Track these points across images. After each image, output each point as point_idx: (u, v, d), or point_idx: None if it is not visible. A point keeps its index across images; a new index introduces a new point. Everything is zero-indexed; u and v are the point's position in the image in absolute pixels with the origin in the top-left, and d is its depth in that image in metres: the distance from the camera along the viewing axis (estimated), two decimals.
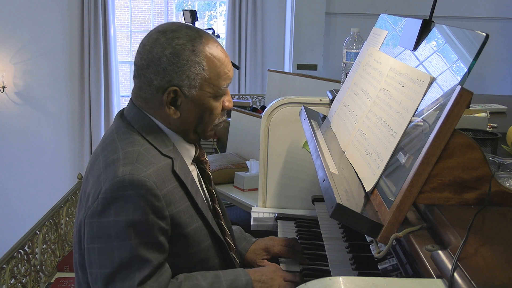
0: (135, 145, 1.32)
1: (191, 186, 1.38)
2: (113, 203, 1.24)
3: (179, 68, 1.32)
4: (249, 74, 5.90)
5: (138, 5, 6.51)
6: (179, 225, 1.32)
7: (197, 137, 1.43)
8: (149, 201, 1.24)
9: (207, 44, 1.35)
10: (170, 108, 1.35)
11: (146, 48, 1.34)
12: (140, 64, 1.35)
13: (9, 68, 5.81)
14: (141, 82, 1.36)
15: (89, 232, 1.27)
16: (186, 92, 1.33)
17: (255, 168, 3.16)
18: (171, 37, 1.33)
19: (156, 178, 1.27)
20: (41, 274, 2.55)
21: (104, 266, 1.25)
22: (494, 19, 5.57)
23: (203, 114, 1.38)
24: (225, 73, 1.37)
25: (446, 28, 1.25)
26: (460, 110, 0.97)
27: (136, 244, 1.23)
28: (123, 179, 1.24)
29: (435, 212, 1.00)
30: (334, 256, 1.53)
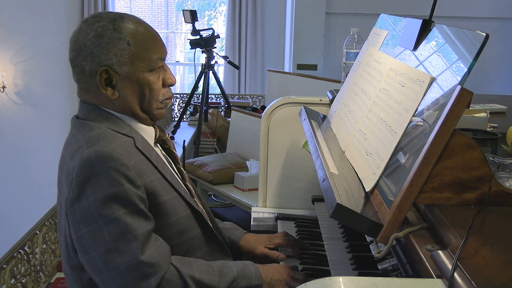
0: (93, 129, 1.35)
1: (156, 161, 1.40)
2: (87, 184, 1.25)
3: (104, 48, 1.34)
4: (249, 74, 5.90)
5: (138, 5, 6.51)
6: (154, 194, 1.34)
7: (147, 116, 1.43)
8: (120, 171, 1.26)
9: (128, 21, 1.38)
10: (107, 89, 1.37)
11: (73, 40, 1.38)
12: (71, 57, 1.39)
13: (9, 68, 5.81)
14: (76, 73, 1.39)
15: (73, 220, 1.28)
16: (118, 69, 1.35)
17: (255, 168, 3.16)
18: (92, 22, 1.37)
19: (122, 150, 1.29)
20: (41, 274, 2.55)
21: (98, 246, 1.25)
22: (494, 19, 5.57)
23: (142, 90, 1.39)
24: (153, 45, 1.39)
25: (446, 28, 1.25)
26: (460, 110, 0.97)
27: (121, 215, 1.25)
28: (89, 158, 1.26)
29: (435, 212, 1.00)
30: (334, 256, 1.53)
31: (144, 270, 1.26)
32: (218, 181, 3.35)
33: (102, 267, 1.26)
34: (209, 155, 3.81)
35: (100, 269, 1.27)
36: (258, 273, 1.42)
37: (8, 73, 5.81)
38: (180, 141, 3.83)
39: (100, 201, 1.24)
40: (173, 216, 1.38)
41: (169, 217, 1.37)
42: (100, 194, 1.24)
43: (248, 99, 5.21)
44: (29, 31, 5.78)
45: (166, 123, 5.04)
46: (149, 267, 1.26)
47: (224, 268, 1.38)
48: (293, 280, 1.44)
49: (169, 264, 1.31)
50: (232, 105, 4.42)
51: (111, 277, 1.26)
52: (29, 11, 5.74)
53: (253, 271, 1.42)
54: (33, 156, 5.93)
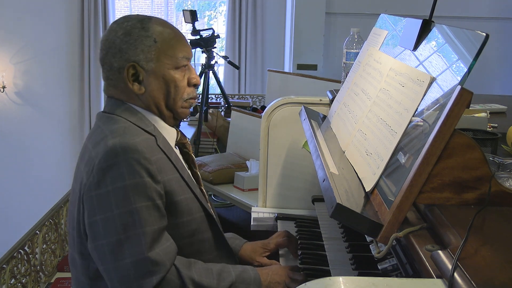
0: (119, 122, 1.38)
1: (176, 161, 1.43)
2: (108, 172, 1.27)
3: (131, 44, 1.40)
4: (249, 74, 5.90)
5: (138, 5, 6.51)
6: (171, 192, 1.36)
7: (171, 114, 1.47)
8: (143, 164, 1.28)
9: (156, 22, 1.44)
10: (134, 84, 1.41)
11: (103, 39, 1.44)
12: (101, 55, 1.44)
13: (9, 68, 5.81)
14: (106, 70, 1.44)
15: (89, 206, 1.30)
16: (144, 65, 1.40)
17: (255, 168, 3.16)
18: (121, 21, 1.44)
19: (145, 145, 1.32)
20: (41, 274, 2.55)
21: (109, 235, 1.27)
22: (494, 19, 5.57)
23: (168, 87, 1.43)
24: (179, 44, 1.44)
25: (446, 28, 1.25)
26: (460, 110, 0.97)
27: (138, 208, 1.27)
28: (114, 147, 1.29)
29: (435, 212, 1.00)
30: (334, 256, 1.53)
31: (149, 267, 1.26)
32: (218, 181, 3.34)
33: (109, 256, 1.27)
34: (209, 155, 3.80)
35: (107, 257, 1.28)
36: (257, 278, 1.42)
37: (8, 73, 5.81)
38: None
39: (119, 190, 1.26)
40: (187, 216, 1.40)
41: (182, 216, 1.39)
42: (120, 183, 1.26)
43: (248, 99, 5.21)
44: (29, 31, 5.78)
45: None
46: (154, 265, 1.27)
47: (223, 272, 1.39)
48: (292, 281, 1.45)
49: (172, 265, 1.32)
50: (232, 105, 4.42)
51: (116, 267, 1.27)
52: (29, 11, 5.74)
53: (252, 275, 1.42)
54: (33, 156, 5.93)
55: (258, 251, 1.67)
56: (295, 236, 1.72)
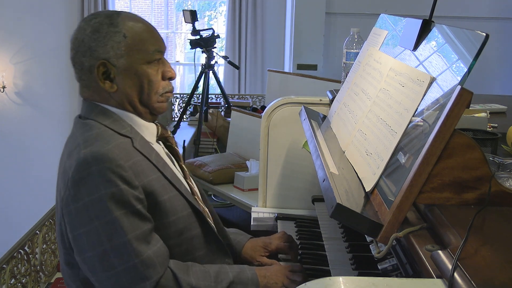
0: (92, 129, 1.35)
1: (156, 160, 1.39)
2: (83, 184, 1.25)
3: (100, 41, 1.36)
4: (249, 74, 5.90)
5: (138, 5, 6.52)
6: (153, 193, 1.33)
7: (147, 110, 1.43)
8: (117, 172, 1.26)
9: (125, 17, 1.40)
10: (105, 82, 1.38)
11: (72, 38, 1.41)
12: (71, 55, 1.41)
13: (9, 68, 5.81)
14: (77, 70, 1.41)
15: (70, 220, 1.28)
16: (115, 62, 1.36)
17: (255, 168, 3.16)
18: (89, 19, 1.40)
19: (118, 151, 1.29)
20: (41, 274, 2.55)
21: (95, 247, 1.26)
22: (494, 19, 5.57)
23: (141, 83, 1.39)
24: (150, 37, 1.40)
25: (446, 28, 1.25)
26: (460, 110, 0.97)
27: (118, 216, 1.25)
28: (85, 158, 1.26)
29: (435, 212, 1.00)
30: (334, 256, 1.53)
31: (140, 272, 1.26)
32: (218, 181, 3.34)
33: (98, 267, 1.26)
34: (209, 155, 3.80)
35: (97, 269, 1.27)
36: (254, 278, 1.41)
37: (8, 73, 5.81)
38: (180, 141, 3.83)
39: (97, 201, 1.24)
40: (172, 216, 1.38)
41: (168, 216, 1.36)
42: (96, 194, 1.24)
43: (248, 99, 5.21)
44: (29, 31, 5.78)
45: (166, 123, 5.04)
46: (145, 269, 1.26)
47: (221, 274, 1.38)
48: (291, 282, 1.44)
49: (166, 268, 1.31)
50: (232, 105, 4.41)
51: (107, 277, 1.26)
52: (29, 11, 5.74)
53: (249, 275, 1.41)
54: (33, 156, 5.93)
55: (259, 250, 1.66)
56: (296, 243, 1.70)
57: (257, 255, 1.64)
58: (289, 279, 1.45)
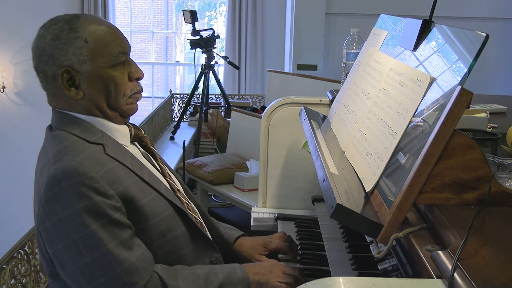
0: (62, 142, 1.33)
1: (132, 164, 1.37)
2: (56, 201, 1.24)
3: (61, 49, 1.33)
4: (249, 74, 5.90)
5: (138, 5, 6.52)
6: (131, 199, 1.31)
7: (117, 113, 1.41)
8: (88, 185, 1.24)
9: (85, 20, 1.37)
10: (71, 89, 1.35)
11: (33, 47, 1.37)
12: (34, 65, 1.38)
13: (9, 68, 5.81)
14: (41, 79, 1.39)
15: (47, 237, 1.27)
16: (79, 68, 1.34)
17: (255, 168, 3.16)
18: (48, 25, 1.37)
19: (89, 162, 1.27)
20: (41, 274, 2.55)
21: (76, 261, 1.25)
22: (494, 19, 5.57)
23: (107, 86, 1.37)
24: (113, 39, 1.37)
25: (446, 29, 1.25)
26: (460, 111, 0.97)
27: (95, 228, 1.23)
28: (55, 174, 1.25)
29: (435, 212, 1.00)
30: (334, 256, 1.53)
31: (125, 280, 1.25)
32: (218, 181, 3.35)
33: (82, 279, 1.26)
34: (209, 155, 3.81)
35: (81, 281, 1.26)
36: (245, 278, 1.40)
37: (8, 73, 5.81)
38: (180, 141, 3.83)
39: (72, 216, 1.23)
40: (153, 218, 1.36)
41: (148, 219, 1.35)
42: (70, 210, 1.23)
43: (248, 99, 5.21)
44: (29, 31, 5.73)
45: (166, 124, 5.04)
46: (129, 277, 1.25)
47: (211, 276, 1.36)
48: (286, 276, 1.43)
49: (152, 273, 1.30)
50: (232, 105, 4.42)
51: None
52: (29, 11, 5.74)
53: (240, 275, 1.40)
54: (33, 156, 5.92)
55: (259, 249, 1.65)
56: (296, 243, 1.69)
57: (256, 254, 1.64)
58: (284, 273, 1.44)
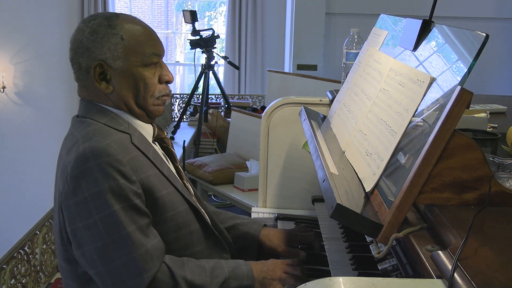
0: (90, 126, 1.38)
1: (154, 157, 1.41)
2: (82, 178, 1.27)
3: (98, 43, 1.38)
4: (249, 74, 5.90)
5: (138, 5, 6.52)
6: (151, 189, 1.35)
7: (143, 112, 1.44)
8: (115, 166, 1.28)
9: (124, 19, 1.42)
10: (101, 83, 1.40)
11: (71, 39, 1.42)
12: (70, 56, 1.43)
13: (9, 68, 5.81)
14: (75, 70, 1.42)
15: (69, 214, 1.29)
16: (112, 63, 1.38)
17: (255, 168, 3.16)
18: (88, 20, 1.42)
19: (117, 146, 1.31)
20: (41, 274, 2.55)
21: (94, 240, 1.27)
22: (494, 19, 5.57)
23: (137, 85, 1.41)
24: (148, 41, 1.41)
25: (446, 29, 1.25)
26: (460, 111, 0.97)
27: (117, 210, 1.26)
28: (84, 152, 1.28)
29: (435, 212, 1.00)
30: (334, 256, 1.53)
31: (138, 265, 1.27)
32: (218, 182, 3.35)
33: (97, 260, 1.28)
34: (209, 156, 3.81)
35: (96, 262, 1.28)
36: (250, 274, 1.42)
37: (8, 73, 5.81)
38: (180, 142, 3.83)
39: (96, 195, 1.26)
40: (171, 211, 1.39)
41: (166, 211, 1.38)
42: (95, 189, 1.26)
43: (248, 99, 5.21)
44: (29, 31, 5.78)
45: (166, 123, 5.04)
46: (143, 263, 1.28)
47: (216, 269, 1.39)
48: (288, 277, 1.44)
49: (161, 263, 1.32)
50: (232, 106, 4.42)
51: (107, 270, 1.28)
52: (29, 11, 5.74)
53: (245, 271, 1.42)
54: (33, 156, 5.93)
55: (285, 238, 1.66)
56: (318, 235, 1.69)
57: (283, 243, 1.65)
58: (286, 273, 1.45)
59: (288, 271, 1.46)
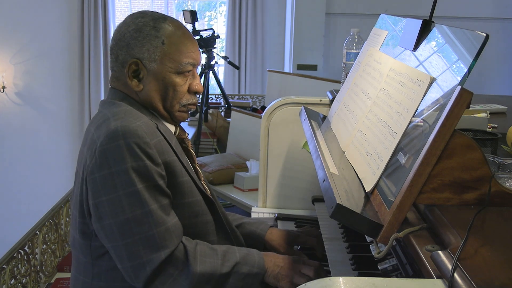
0: (121, 106, 1.42)
1: (176, 146, 1.45)
2: (110, 154, 1.30)
3: (139, 41, 1.42)
4: (249, 74, 5.90)
5: (138, 5, 6.51)
6: (173, 173, 1.40)
7: (168, 116, 1.49)
8: (143, 148, 1.32)
9: (170, 23, 1.46)
10: (133, 80, 1.44)
11: (116, 29, 1.47)
12: (111, 45, 1.47)
13: (9, 68, 5.81)
14: (112, 60, 1.47)
15: (93, 187, 1.33)
16: (147, 64, 1.42)
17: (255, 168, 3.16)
18: (136, 16, 1.46)
19: (146, 128, 1.35)
20: (41, 274, 2.55)
21: (116, 215, 1.31)
22: (494, 19, 5.57)
23: (166, 89, 1.45)
24: (187, 50, 1.45)
25: (446, 29, 1.25)
26: (460, 111, 0.97)
27: (141, 188, 1.31)
28: (115, 130, 1.32)
29: (435, 212, 1.00)
30: (334, 256, 1.53)
31: (157, 242, 1.31)
32: (218, 181, 3.35)
33: (117, 234, 1.31)
34: (209, 155, 3.81)
35: (115, 236, 1.32)
36: (261, 262, 1.43)
37: (8, 73, 5.81)
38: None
39: (122, 172, 1.30)
40: (189, 197, 1.43)
41: (184, 197, 1.42)
42: (122, 166, 1.30)
43: (248, 100, 5.21)
44: (29, 31, 5.78)
45: None
46: (162, 241, 1.31)
47: (228, 253, 1.42)
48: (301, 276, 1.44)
49: (180, 241, 1.36)
50: (232, 106, 4.42)
51: (125, 245, 1.31)
52: (29, 11, 5.74)
53: (256, 259, 1.43)
54: (32, 156, 5.93)
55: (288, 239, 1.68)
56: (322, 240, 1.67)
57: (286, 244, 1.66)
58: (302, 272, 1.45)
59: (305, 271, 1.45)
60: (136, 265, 1.31)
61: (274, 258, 1.47)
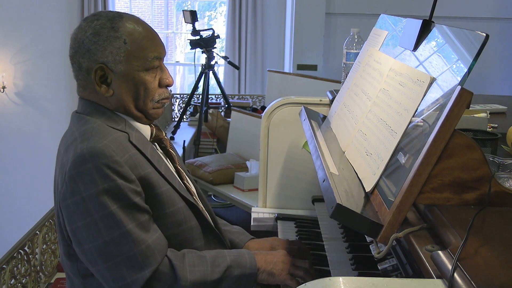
0: (88, 123, 1.37)
1: (151, 155, 1.41)
2: (80, 179, 1.27)
3: (100, 45, 1.36)
4: (249, 74, 5.90)
5: (138, 5, 6.52)
6: (151, 185, 1.36)
7: (143, 115, 1.45)
8: (112, 168, 1.28)
9: (127, 21, 1.40)
10: (102, 86, 1.39)
11: (72, 37, 1.41)
12: (70, 53, 1.41)
13: (9, 68, 5.81)
14: (75, 70, 1.42)
15: (67, 214, 1.30)
16: (113, 67, 1.37)
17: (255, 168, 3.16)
18: (91, 20, 1.40)
19: (114, 146, 1.31)
20: (41, 274, 2.55)
21: (94, 239, 1.28)
22: (494, 19, 5.57)
23: (137, 89, 1.40)
24: (150, 44, 1.40)
25: (446, 29, 1.26)
26: (460, 111, 0.97)
27: (116, 209, 1.27)
28: (82, 153, 1.28)
29: (435, 212, 1.00)
30: (334, 256, 1.53)
31: (139, 261, 1.28)
32: (218, 182, 3.35)
33: (98, 258, 1.29)
34: (209, 156, 3.81)
35: (96, 260, 1.29)
36: (252, 262, 1.42)
37: (8, 73, 5.81)
38: (180, 142, 3.83)
39: (94, 196, 1.26)
40: (170, 207, 1.40)
41: (165, 207, 1.39)
42: (93, 189, 1.26)
43: (248, 100, 5.21)
44: (29, 31, 5.78)
45: (166, 124, 5.04)
46: (144, 259, 1.29)
47: (218, 258, 1.39)
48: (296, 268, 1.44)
49: (164, 256, 1.33)
50: (232, 106, 4.42)
51: (107, 268, 1.29)
52: (29, 11, 5.74)
53: (248, 260, 1.42)
54: (32, 156, 5.93)
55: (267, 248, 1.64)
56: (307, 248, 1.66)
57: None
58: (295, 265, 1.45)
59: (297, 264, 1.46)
60: (122, 286, 1.29)
61: (264, 256, 1.46)
